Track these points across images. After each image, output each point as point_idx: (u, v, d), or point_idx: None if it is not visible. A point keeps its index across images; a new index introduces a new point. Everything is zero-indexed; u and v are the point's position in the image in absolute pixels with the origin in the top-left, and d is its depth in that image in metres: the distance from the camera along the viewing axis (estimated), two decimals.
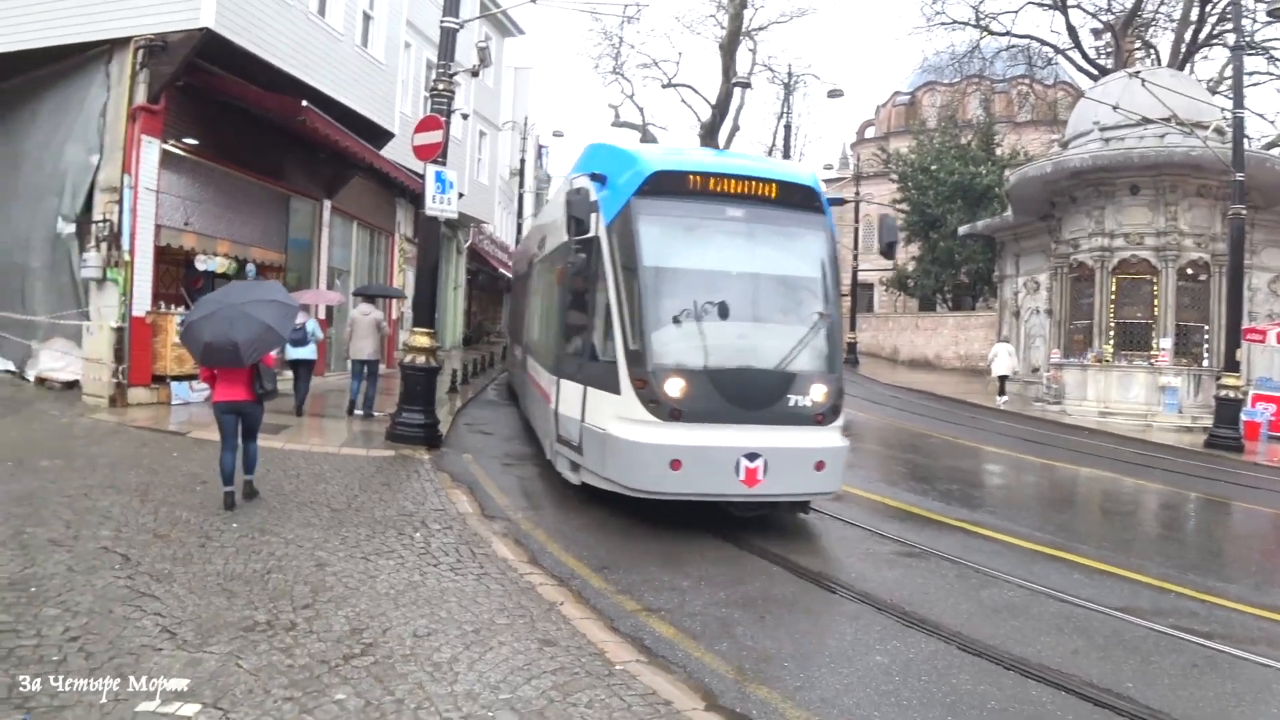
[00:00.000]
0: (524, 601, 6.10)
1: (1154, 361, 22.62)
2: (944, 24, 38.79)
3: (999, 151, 43.35)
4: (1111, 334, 23.44)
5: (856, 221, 41.80)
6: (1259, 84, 36.06)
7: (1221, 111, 21.04)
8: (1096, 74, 34.06)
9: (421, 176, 12.34)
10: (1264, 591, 7.88)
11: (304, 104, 14.09)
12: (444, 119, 12.30)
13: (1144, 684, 5.55)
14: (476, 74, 15.45)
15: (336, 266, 20.72)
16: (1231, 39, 22.04)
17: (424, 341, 12.16)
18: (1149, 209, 23.03)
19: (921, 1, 70.16)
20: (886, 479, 12.86)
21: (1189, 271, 23.01)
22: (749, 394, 8.23)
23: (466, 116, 26.68)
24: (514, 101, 41.05)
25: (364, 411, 14.25)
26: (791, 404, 8.34)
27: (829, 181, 43.67)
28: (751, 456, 8.01)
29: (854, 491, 10.84)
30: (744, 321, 8.63)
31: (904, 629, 6.29)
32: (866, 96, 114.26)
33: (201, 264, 15.54)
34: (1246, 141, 20.46)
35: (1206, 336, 23.06)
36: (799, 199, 9.04)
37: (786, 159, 36.82)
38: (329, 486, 9.18)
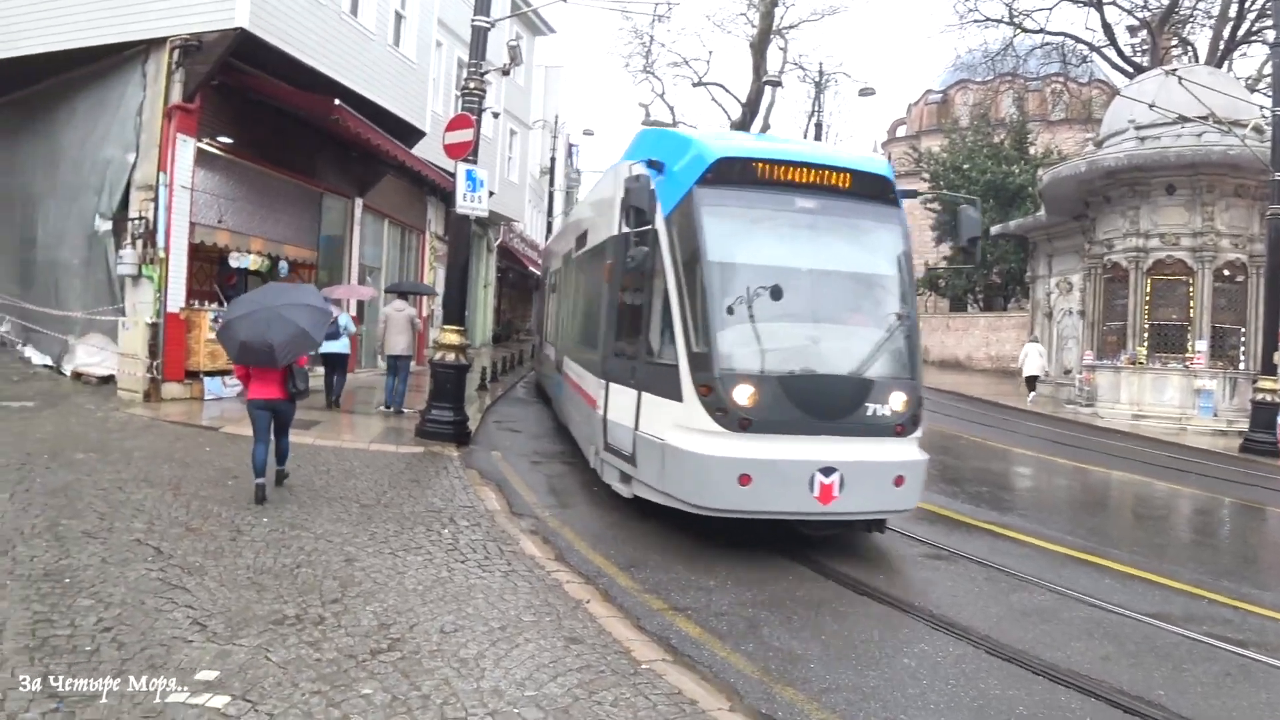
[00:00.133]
0: (550, 599, 6.11)
1: (1189, 364, 22.31)
2: (977, 21, 38.47)
3: (1032, 150, 42.99)
4: (1146, 336, 23.13)
5: None
6: None
7: (1260, 110, 20.65)
8: (1132, 72, 33.62)
9: (452, 175, 12.41)
10: None
11: (336, 103, 14.20)
12: (475, 117, 12.35)
13: (1176, 692, 5.47)
14: (507, 73, 15.48)
15: (368, 264, 20.88)
16: (1271, 35, 21.62)
17: (454, 339, 12.22)
18: (1185, 209, 22.70)
19: None
20: None
21: (1226, 273, 22.65)
22: (824, 402, 7.56)
23: (497, 115, 26.78)
24: (544, 100, 41.13)
25: (394, 407, 14.36)
26: (870, 413, 7.63)
27: None
28: (827, 471, 7.33)
29: None
30: (818, 323, 8.04)
31: (932, 632, 6.24)
32: (898, 95, 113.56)
33: (235, 261, 15.74)
34: None
35: (1243, 339, 22.69)
36: (873, 190, 8.34)
37: None
38: (359, 482, 9.25)
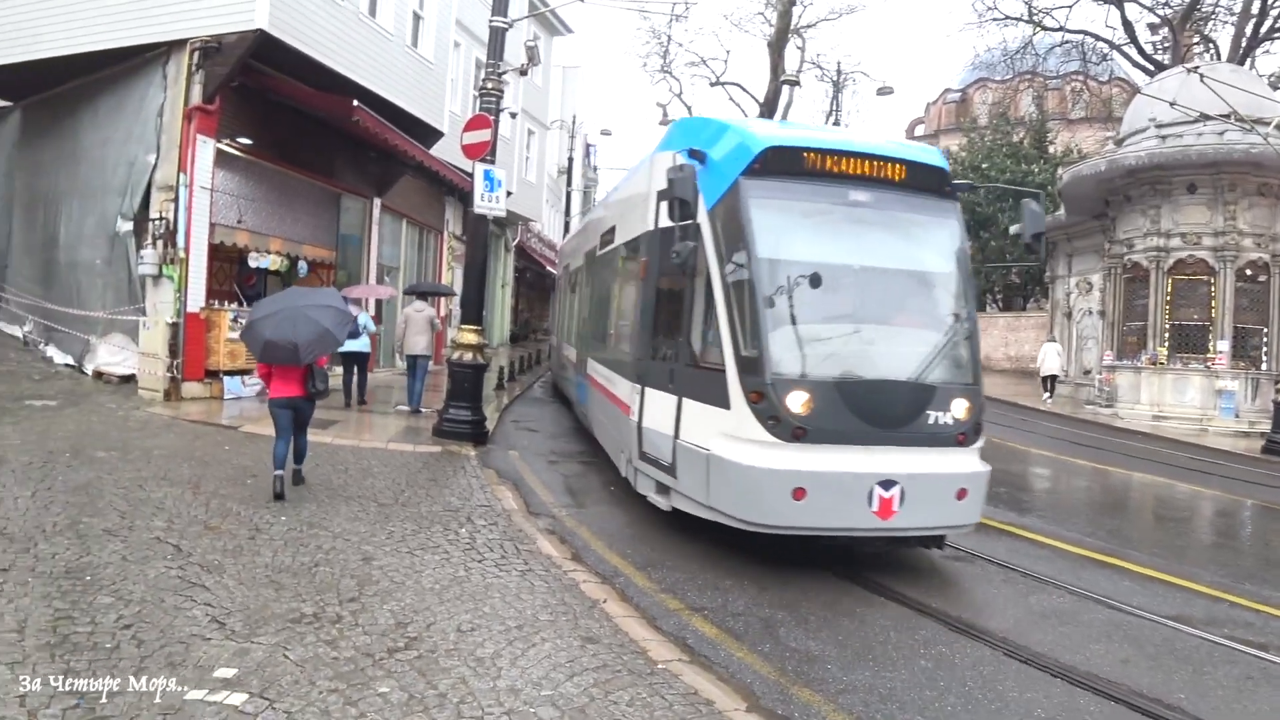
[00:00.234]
0: (567, 598, 6.12)
1: (1210, 364, 22.12)
2: (996, 20, 38.23)
3: (1052, 149, 42.70)
4: (1166, 336, 22.95)
5: None
6: None
7: None
8: (1153, 70, 33.34)
9: (470, 175, 12.43)
10: None
11: (355, 103, 14.27)
12: (492, 118, 12.39)
13: (1196, 696, 5.42)
14: (525, 73, 15.50)
15: (386, 264, 20.98)
16: None
17: (472, 338, 12.25)
18: (1207, 208, 22.51)
19: None
20: None
21: (1248, 272, 22.44)
22: (884, 410, 7.10)
23: (515, 115, 26.83)
24: (562, 100, 41.21)
25: (412, 407, 14.41)
26: (931, 421, 7.18)
27: None
28: (886, 484, 6.87)
29: None
30: (874, 324, 7.57)
31: (950, 633, 6.21)
32: (916, 94, 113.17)
33: (254, 261, 15.84)
34: None
35: (1266, 339, 22.50)
36: (929, 182, 7.89)
37: None
38: (376, 481, 9.28)
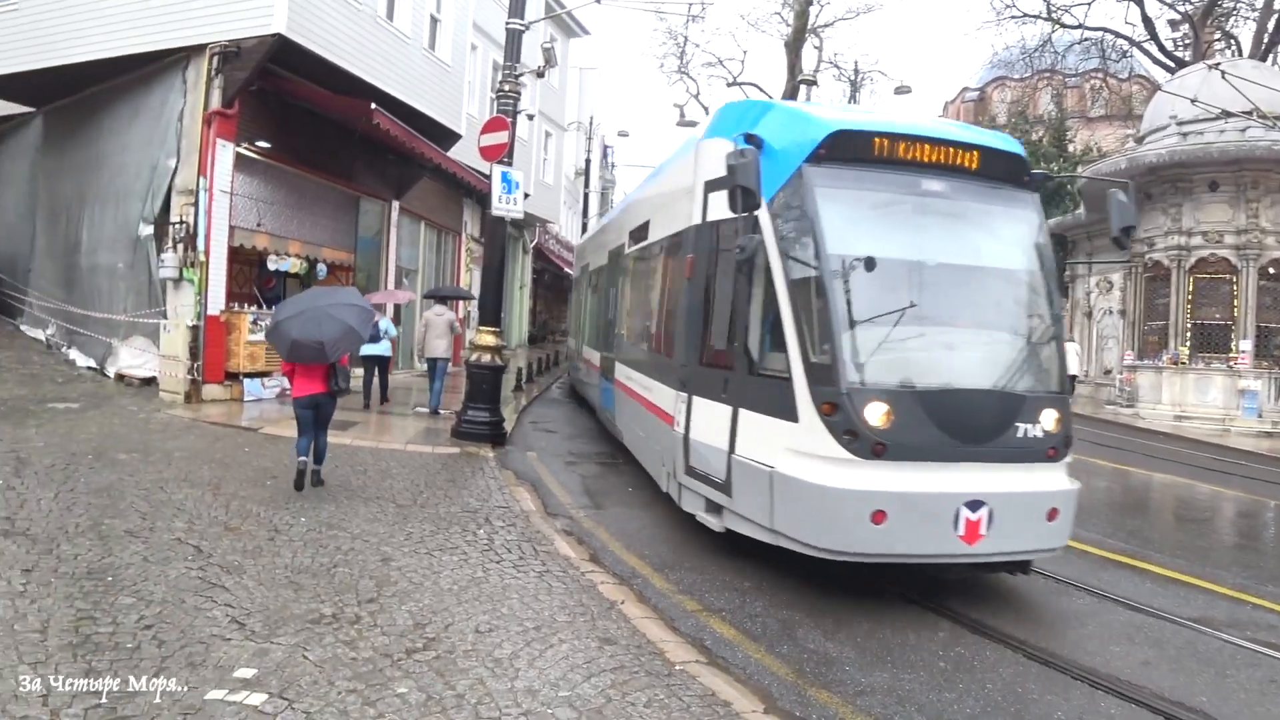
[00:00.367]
0: (585, 600, 6.11)
1: (1233, 364, 21.93)
2: (1014, 18, 37.96)
3: (1071, 148, 42.41)
4: (1188, 335, 22.79)
5: None
6: None
7: None
8: (1174, 67, 33.04)
9: (488, 177, 12.46)
10: None
11: (373, 106, 14.33)
12: (510, 120, 12.41)
13: (1219, 699, 5.36)
14: (542, 75, 15.55)
15: (404, 266, 21.07)
16: None
17: (490, 340, 12.27)
18: (1229, 206, 22.34)
19: None
20: None
21: (1271, 271, 22.27)
22: (970, 423, 6.45)
23: (532, 117, 26.89)
24: (579, 102, 41.28)
25: (431, 408, 14.48)
26: (1020, 435, 6.56)
27: None
28: (974, 505, 6.25)
29: None
30: (957, 328, 6.98)
31: (968, 635, 6.17)
32: (934, 93, 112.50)
33: (273, 264, 15.95)
34: None
35: None
36: (1007, 171, 7.27)
37: None
38: (395, 483, 9.31)
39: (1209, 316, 22.67)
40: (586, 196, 42.78)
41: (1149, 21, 35.20)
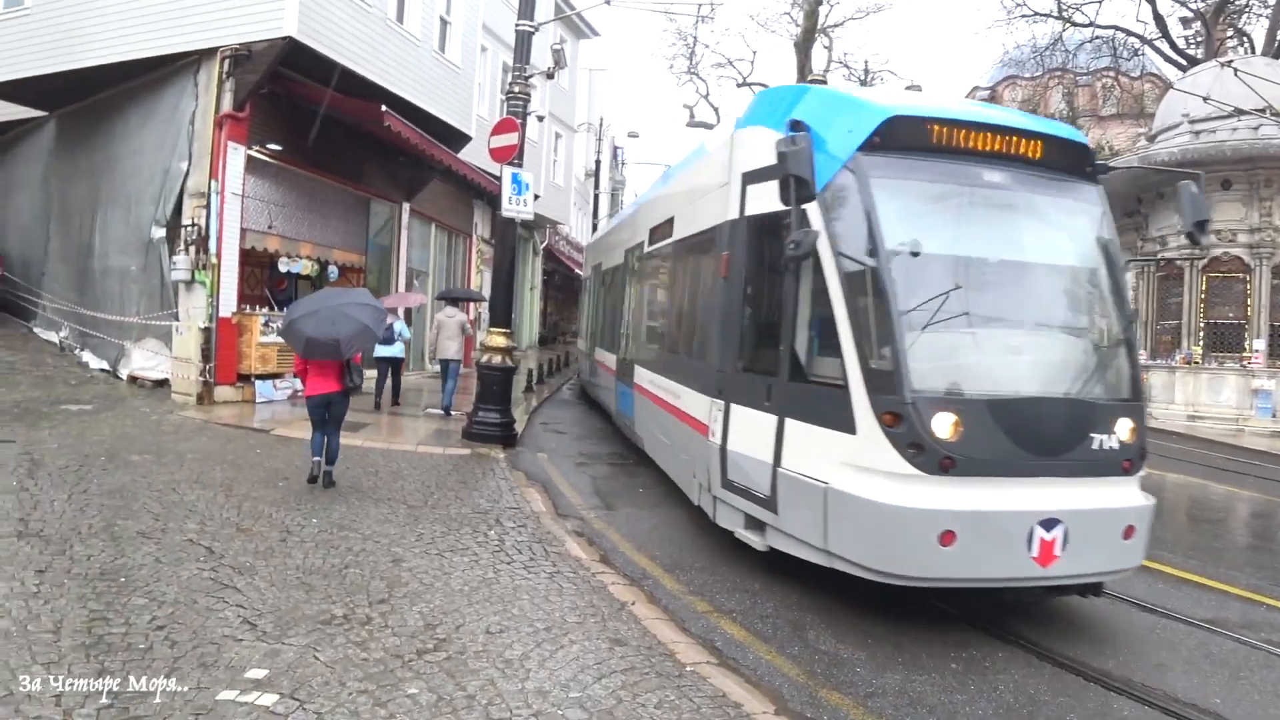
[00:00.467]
0: (595, 601, 6.11)
1: (1246, 363, 21.80)
2: (1025, 16, 37.80)
3: None
4: (1201, 335, 22.68)
5: None
6: None
7: None
8: (1186, 65, 32.86)
9: (498, 178, 12.48)
10: None
11: (384, 109, 14.35)
12: (520, 121, 12.43)
13: (1232, 700, 5.33)
14: (552, 76, 15.54)
15: (415, 268, 21.12)
16: None
17: (501, 341, 12.28)
18: (1242, 204, 22.23)
19: None
20: None
21: None
22: (1044, 434, 5.96)
23: (542, 119, 26.96)
24: (589, 103, 41.29)
25: (442, 408, 14.53)
26: (1096, 446, 6.06)
27: None
28: (1048, 524, 5.77)
29: None
30: (1026, 330, 6.51)
31: (980, 636, 6.14)
32: (945, 92, 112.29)
33: (285, 266, 15.99)
34: None
35: None
36: (1070, 161, 6.79)
37: None
38: (406, 484, 9.32)
39: (1222, 316, 22.56)
40: (597, 198, 42.83)
41: (1160, 19, 35.03)
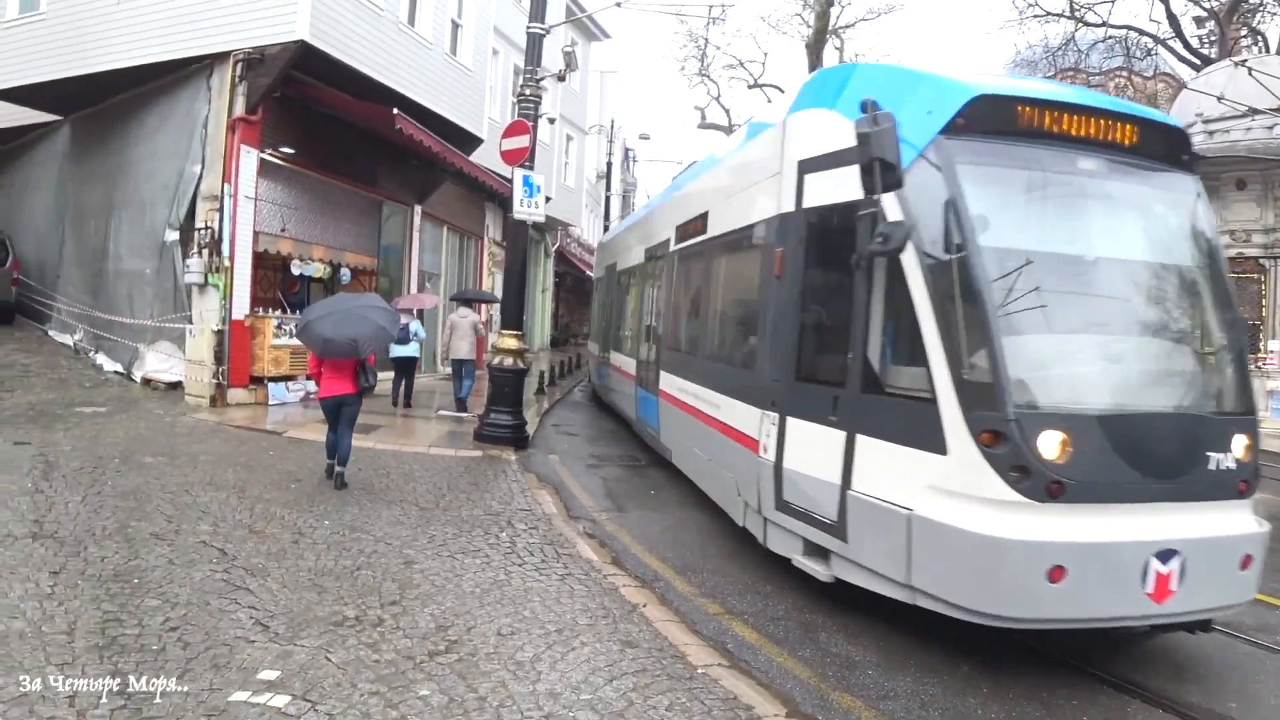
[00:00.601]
0: (607, 602, 6.10)
1: (1261, 365, 21.63)
2: (1037, 16, 37.61)
3: None
4: None
5: None
6: None
7: None
8: (1199, 64, 32.65)
9: (509, 181, 12.49)
10: None
11: (395, 112, 14.38)
12: (531, 124, 12.43)
13: (1246, 707, 5.30)
14: (563, 78, 15.59)
15: (427, 270, 21.16)
16: None
17: (512, 343, 12.29)
18: (1256, 204, 22.07)
19: None
20: None
21: None
22: (1159, 453, 5.28)
23: (553, 121, 27.02)
24: (600, 105, 41.30)
25: (457, 398, 14.71)
26: (1213, 466, 5.37)
27: None
28: (1165, 555, 5.11)
29: None
30: (1134, 336, 5.85)
31: (991, 637, 6.10)
32: None
33: (297, 269, 16.05)
34: None
35: None
36: (1165, 148, 6.13)
37: None
38: (418, 486, 9.34)
39: None
40: (608, 200, 42.83)
41: (1174, 18, 34.84)
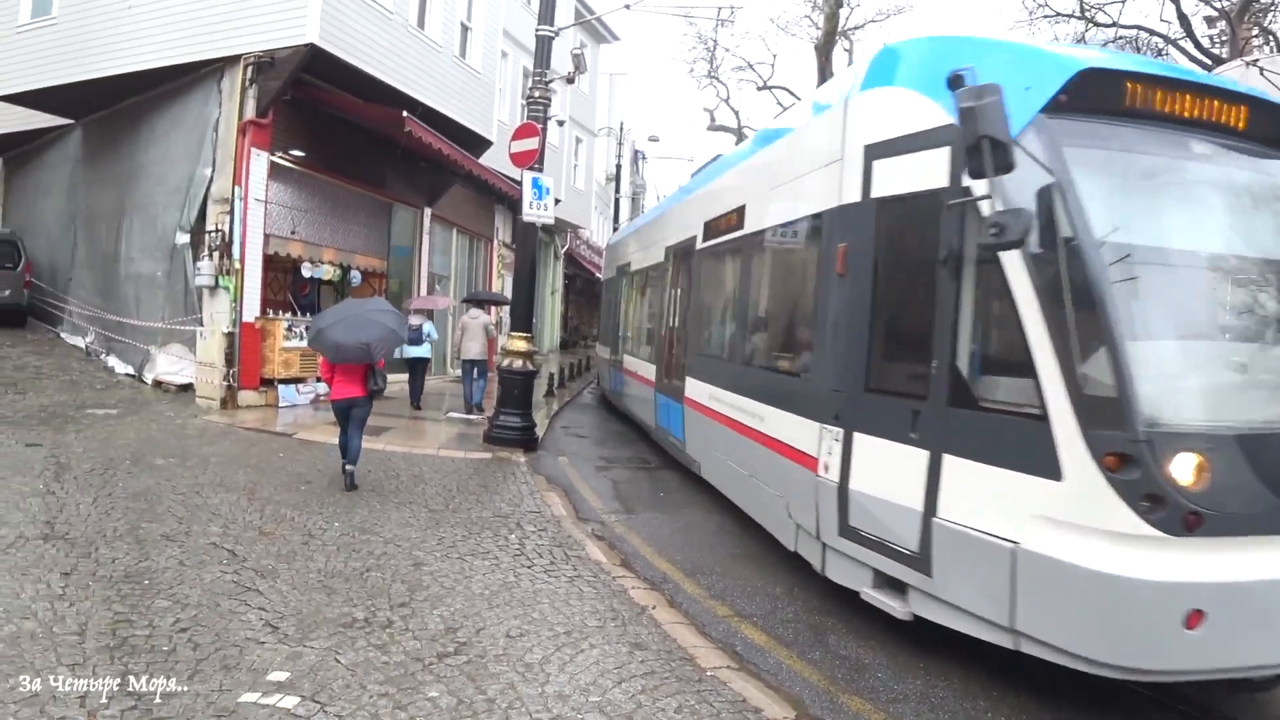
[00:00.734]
0: (615, 605, 6.10)
1: None
2: (1047, 17, 37.25)
3: None
4: None
5: None
6: None
7: None
8: (1210, 64, 32.37)
9: (519, 183, 12.49)
10: None
11: (405, 114, 14.41)
12: (540, 126, 12.43)
13: (1256, 710, 5.27)
14: (572, 81, 15.60)
15: (437, 272, 21.20)
16: None
17: (521, 345, 12.28)
18: None
19: None
20: None
21: None
22: None
23: (563, 123, 27.03)
24: (609, 107, 41.33)
25: (474, 403, 14.82)
26: None
27: None
28: None
29: None
30: (1274, 344, 5.12)
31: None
32: None
33: (308, 271, 16.12)
34: None
35: None
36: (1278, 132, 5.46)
37: None
38: (428, 488, 9.35)
39: None
40: (617, 202, 42.82)
41: (1184, 18, 34.61)
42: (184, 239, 14.37)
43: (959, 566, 5.15)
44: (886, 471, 5.74)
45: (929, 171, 5.40)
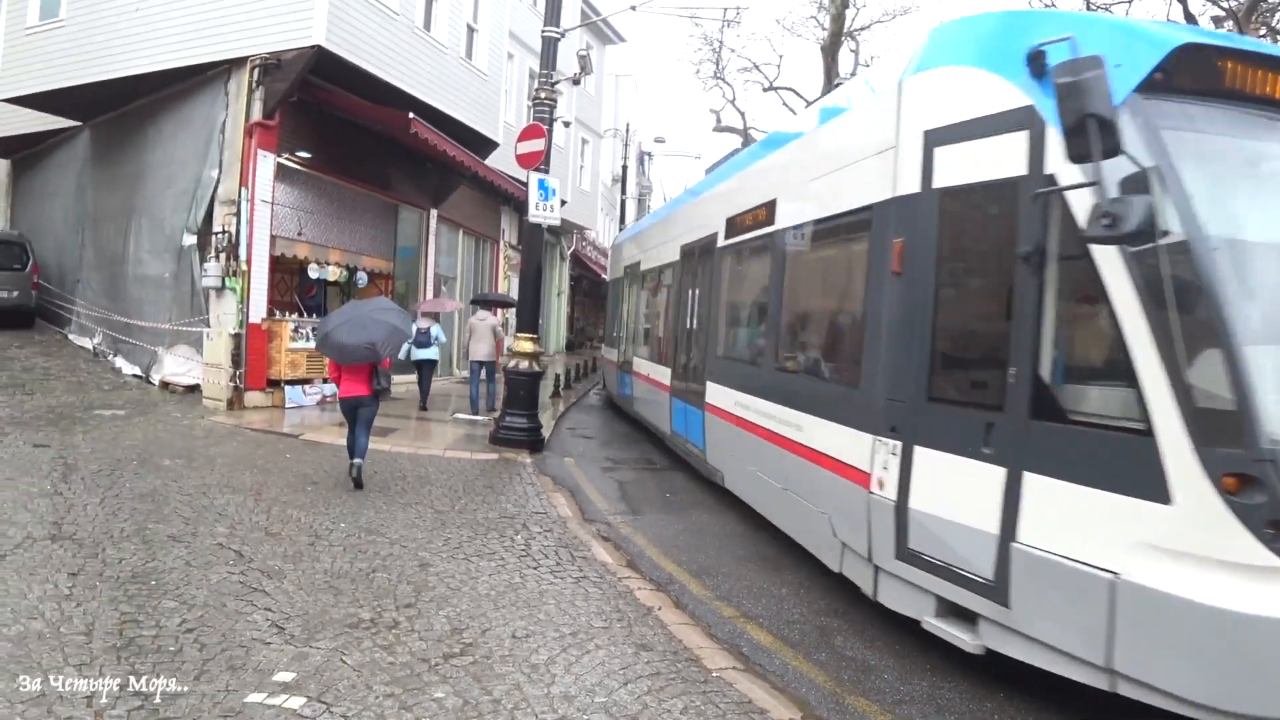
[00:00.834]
0: (621, 605, 6.09)
1: None
2: None
3: None
4: None
5: None
6: None
7: None
8: None
9: (525, 184, 12.51)
10: None
11: (411, 116, 14.43)
12: (546, 127, 12.44)
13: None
14: (578, 82, 15.60)
15: (443, 274, 21.23)
16: None
17: (528, 346, 12.30)
18: None
19: None
20: None
21: None
22: None
23: (568, 124, 27.08)
24: (615, 108, 41.33)
25: (487, 406, 14.83)
26: None
27: None
28: None
29: None
30: None
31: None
32: None
33: (314, 272, 16.14)
34: None
35: None
36: None
37: None
38: (434, 489, 9.36)
39: None
40: (623, 203, 42.84)
41: (1191, 19, 34.50)
42: (191, 240, 14.41)
43: (1043, 598, 4.65)
44: (954, 490, 5.25)
45: (1005, 158, 4.95)
